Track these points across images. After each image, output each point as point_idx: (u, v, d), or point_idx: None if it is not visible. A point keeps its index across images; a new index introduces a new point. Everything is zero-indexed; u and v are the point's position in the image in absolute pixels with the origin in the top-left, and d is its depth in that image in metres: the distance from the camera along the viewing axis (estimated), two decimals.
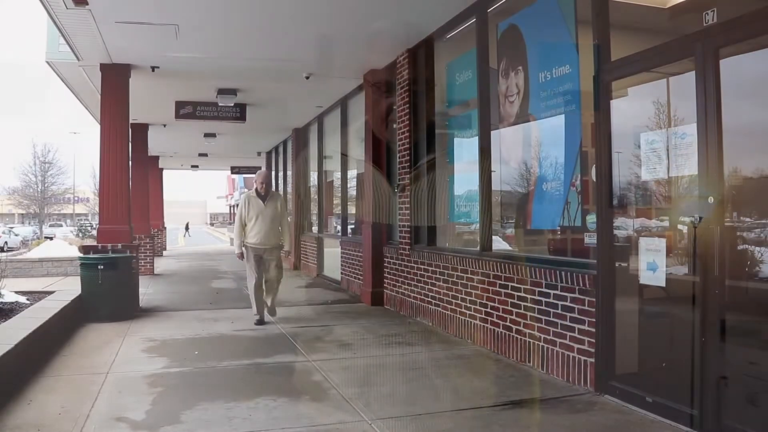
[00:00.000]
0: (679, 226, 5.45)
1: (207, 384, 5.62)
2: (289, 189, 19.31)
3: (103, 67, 9.78)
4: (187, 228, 53.04)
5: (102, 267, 8.81)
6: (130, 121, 10.30)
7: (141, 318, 9.06)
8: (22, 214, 67.18)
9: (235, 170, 30.72)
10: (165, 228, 27.13)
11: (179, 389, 5.46)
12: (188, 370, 6.13)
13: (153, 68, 10.07)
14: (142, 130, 16.32)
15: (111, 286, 8.81)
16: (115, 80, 9.87)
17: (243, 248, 8.64)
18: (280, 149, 21.42)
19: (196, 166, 29.74)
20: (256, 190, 8.76)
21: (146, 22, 7.85)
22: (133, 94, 10.19)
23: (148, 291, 12.07)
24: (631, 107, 5.45)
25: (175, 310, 9.78)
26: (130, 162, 11.12)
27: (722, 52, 4.21)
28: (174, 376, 5.91)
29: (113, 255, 9.14)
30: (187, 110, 12.95)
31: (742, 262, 6.55)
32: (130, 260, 9.21)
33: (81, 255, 9.42)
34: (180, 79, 11.09)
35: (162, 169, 28.38)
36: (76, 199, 68.03)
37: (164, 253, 24.76)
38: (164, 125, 16.09)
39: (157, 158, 24.91)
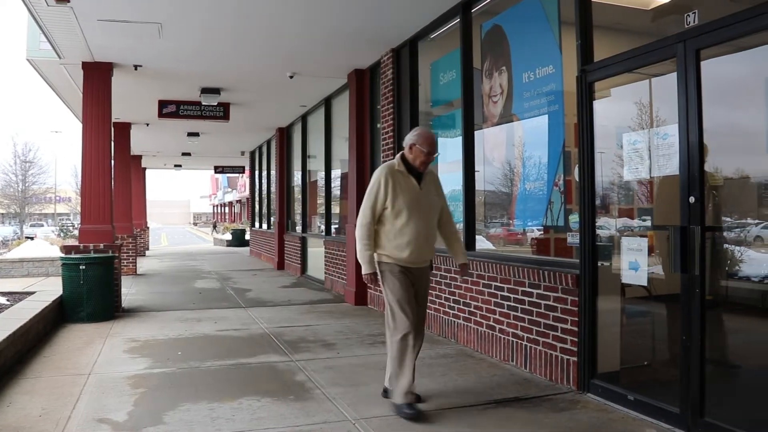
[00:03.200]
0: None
1: (190, 384, 5.60)
2: (273, 189, 19.26)
3: (85, 66, 9.71)
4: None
5: (84, 267, 8.75)
6: (113, 120, 10.22)
7: (123, 318, 9.01)
8: (2, 213, 66.48)
9: (219, 170, 30.58)
10: (148, 228, 26.99)
11: (162, 390, 5.43)
12: (171, 370, 6.10)
13: (136, 67, 10.02)
14: (124, 129, 16.23)
15: (93, 286, 8.75)
16: (97, 78, 9.80)
17: (378, 266, 4.90)
18: (264, 149, 21.37)
19: (180, 166, 29.59)
20: (406, 161, 4.95)
21: (129, 20, 7.81)
22: (115, 92, 10.13)
23: (130, 291, 12.01)
24: (614, 108, 5.49)
25: (158, 311, 9.73)
26: (113, 161, 11.04)
27: (703, 54, 4.25)
28: (157, 376, 5.88)
29: (95, 255, 9.09)
30: (170, 109, 12.90)
31: (723, 262, 6.62)
32: (112, 260, 9.15)
33: (62, 255, 9.35)
34: (163, 78, 11.04)
35: (145, 169, 28.25)
36: (57, 198, 67.44)
37: (147, 253, 24.63)
38: (147, 124, 16.03)
39: (139, 157, 24.80)
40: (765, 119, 4.71)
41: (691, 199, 4.21)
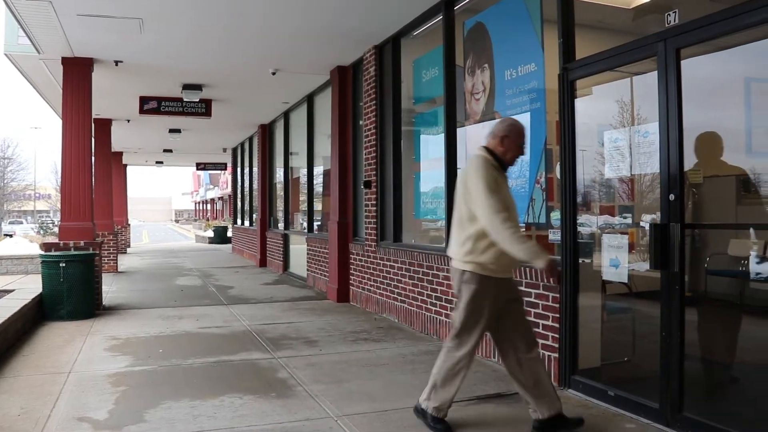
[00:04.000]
0: (641, 223, 5.55)
1: (171, 382, 5.57)
2: (255, 186, 19.19)
3: (65, 61, 9.62)
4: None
5: (64, 265, 8.67)
6: (93, 116, 10.14)
7: (104, 316, 8.95)
8: None
9: (201, 166, 30.41)
10: (129, 225, 26.81)
11: (143, 388, 5.40)
12: (152, 368, 6.07)
13: (116, 62, 9.95)
14: (105, 125, 16.11)
15: (73, 284, 8.68)
16: (77, 74, 9.72)
17: (465, 276, 4.22)
18: (246, 145, 21.29)
19: (161, 162, 29.44)
20: (496, 155, 4.32)
21: (109, 16, 7.74)
22: (95, 88, 10.05)
23: (111, 289, 11.93)
24: (596, 106, 5.52)
25: (139, 308, 9.67)
26: (93, 158, 10.95)
27: (683, 53, 4.28)
28: (138, 374, 5.85)
29: (75, 252, 9.02)
30: (151, 105, 12.82)
31: (702, 259, 6.68)
32: (92, 257, 9.08)
33: (42, 252, 9.27)
34: (144, 74, 10.96)
35: (126, 165, 28.06)
36: (37, 195, 66.79)
37: (128, 250, 24.49)
38: (128, 120, 15.92)
39: (120, 154, 24.64)
40: (745, 119, 4.77)
41: (671, 197, 4.24)
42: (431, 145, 8.20)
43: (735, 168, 4.68)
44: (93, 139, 10.63)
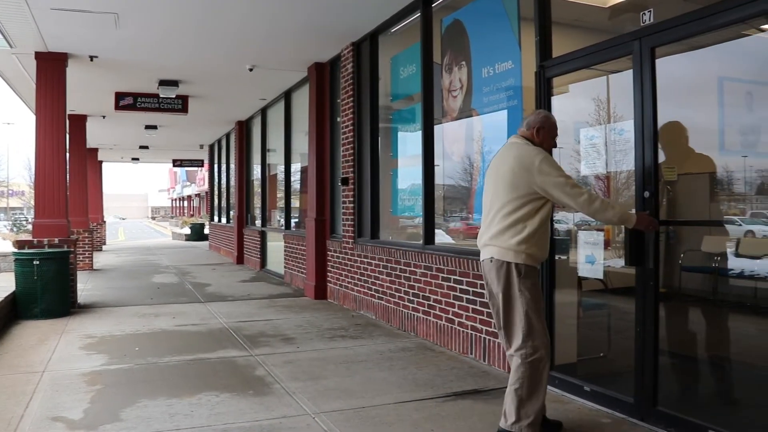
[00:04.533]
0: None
1: (148, 380, 5.53)
2: (232, 183, 19.10)
3: (39, 56, 9.49)
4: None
5: (38, 262, 8.56)
6: (68, 112, 10.04)
7: (79, 314, 8.86)
8: None
9: (177, 163, 30.18)
10: (104, 222, 26.56)
11: (119, 386, 5.36)
12: (128, 366, 6.02)
13: (91, 57, 9.82)
14: (80, 121, 15.92)
15: (47, 281, 8.58)
16: (51, 69, 9.60)
17: (519, 269, 3.99)
18: (223, 142, 21.18)
19: (137, 159, 29.19)
20: (531, 142, 4.22)
21: (84, 10, 7.64)
22: (70, 83, 9.94)
23: (86, 287, 11.82)
24: (572, 103, 5.56)
25: (115, 306, 9.59)
26: (68, 154, 10.83)
27: (658, 52, 4.33)
28: (113, 373, 5.80)
29: (50, 250, 8.91)
30: (127, 101, 12.69)
31: (676, 256, 6.75)
32: (67, 255, 8.98)
33: (15, 250, 9.14)
34: (120, 70, 10.84)
35: (101, 162, 27.76)
36: (10, 192, 65.96)
37: (104, 247, 24.26)
38: (103, 116, 15.75)
39: (96, 150, 24.38)
40: (718, 118, 4.83)
41: (646, 194, 4.28)
42: (408, 142, 8.21)
43: (703, 156, 4.73)
44: (67, 135, 10.51)
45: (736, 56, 4.39)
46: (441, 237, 7.28)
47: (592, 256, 4.89)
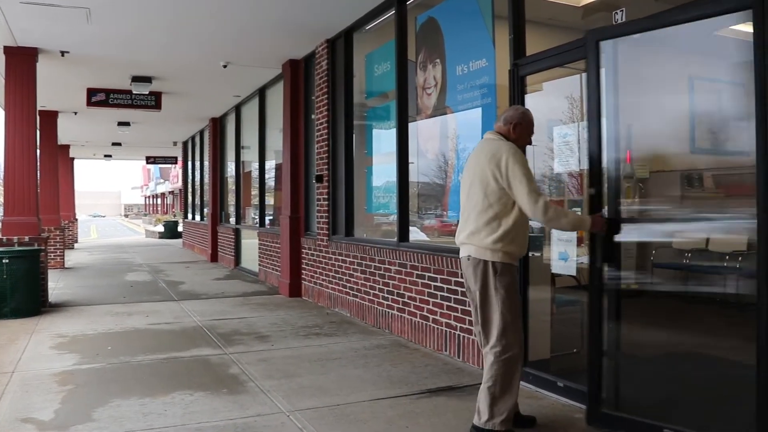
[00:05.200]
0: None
1: (120, 380, 5.48)
2: (206, 180, 18.97)
3: (7, 50, 9.35)
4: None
5: (7, 261, 8.43)
6: (38, 108, 9.89)
7: (50, 313, 8.75)
8: None
9: (151, 160, 29.89)
10: (76, 220, 26.24)
11: (91, 386, 5.30)
12: (100, 366, 5.96)
13: (63, 53, 9.70)
14: (51, 117, 15.70)
15: (17, 280, 8.45)
16: (20, 64, 9.46)
17: (496, 267, 4.00)
18: (197, 139, 21.02)
19: (110, 156, 28.85)
20: (506, 138, 4.20)
21: (54, 4, 7.53)
22: (40, 79, 9.80)
23: (58, 285, 11.68)
24: (546, 101, 5.60)
25: (87, 305, 9.49)
26: (38, 151, 10.69)
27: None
28: (85, 372, 5.73)
29: (19, 248, 8.78)
30: (99, 98, 12.54)
31: (646, 254, 6.84)
32: (38, 253, 8.86)
33: None
34: (92, 65, 10.71)
35: (73, 159, 27.43)
36: None
37: (76, 245, 23.97)
38: (75, 113, 15.56)
39: (67, 147, 24.08)
40: (689, 117, 4.89)
41: (591, 191, 4.13)
42: (383, 140, 8.22)
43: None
44: (38, 132, 10.37)
45: (704, 56, 4.46)
46: (415, 234, 7.30)
47: (566, 253, 4.93)
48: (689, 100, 4.95)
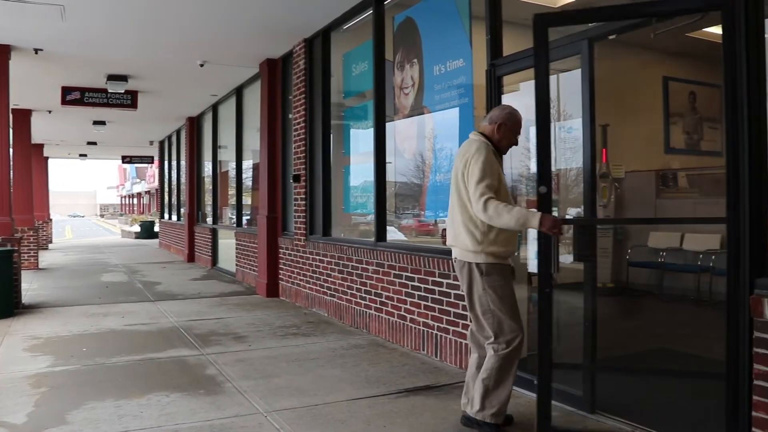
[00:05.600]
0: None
1: (95, 382, 5.43)
2: (183, 180, 18.85)
3: None
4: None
5: None
6: (11, 107, 9.75)
7: (23, 315, 8.64)
8: None
9: (127, 159, 29.63)
10: (51, 220, 25.94)
11: (65, 389, 5.24)
12: (75, 368, 5.90)
13: (36, 50, 9.56)
14: (24, 116, 15.51)
15: None
16: None
17: (479, 267, 4.04)
18: (174, 138, 20.88)
19: (85, 155, 28.56)
20: (490, 138, 4.20)
21: (28, 1, 7.43)
22: (13, 77, 9.65)
23: (31, 286, 11.54)
24: (523, 101, 5.61)
25: (62, 306, 9.38)
26: (11, 150, 10.53)
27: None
28: (59, 375, 5.67)
29: None
30: (74, 96, 12.41)
31: (622, 253, 6.89)
32: (10, 254, 8.74)
33: None
34: (67, 63, 10.60)
35: (47, 158, 27.10)
36: None
37: (50, 246, 23.68)
38: (49, 111, 15.39)
39: (41, 146, 23.79)
40: (663, 117, 4.95)
41: (542, 189, 3.95)
42: (361, 140, 8.21)
43: None
44: (11, 131, 10.23)
45: (678, 57, 4.51)
46: (393, 234, 7.30)
47: None
48: (662, 101, 5.01)
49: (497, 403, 4.03)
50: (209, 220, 16.02)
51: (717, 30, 3.58)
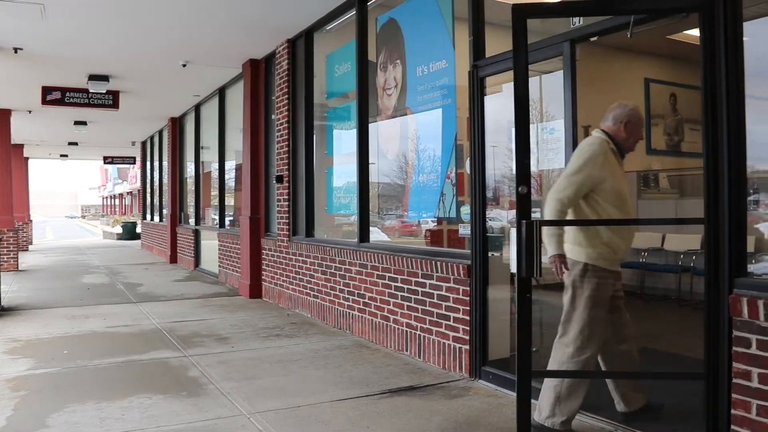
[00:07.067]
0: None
1: (77, 384, 5.38)
2: (165, 180, 18.75)
3: None
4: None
5: None
6: None
7: (3, 317, 8.55)
8: None
9: (108, 160, 29.40)
10: (31, 221, 25.71)
11: (46, 392, 5.20)
12: (56, 370, 5.85)
13: (16, 49, 9.46)
14: (4, 116, 15.34)
15: None
16: None
17: (575, 267, 4.06)
18: (156, 139, 20.76)
19: (66, 156, 28.31)
20: (614, 138, 4.11)
21: None
22: None
23: (11, 288, 11.42)
24: (506, 102, 5.63)
25: (42, 308, 9.30)
26: None
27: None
28: (40, 377, 5.62)
29: None
30: (54, 96, 12.30)
31: None
32: None
33: None
34: (47, 63, 10.50)
35: (27, 159, 26.86)
36: None
37: (30, 247, 23.47)
38: (29, 111, 15.24)
39: (21, 146, 23.58)
40: (645, 118, 4.98)
41: (522, 190, 3.86)
42: (344, 140, 8.21)
43: None
44: None
45: (658, 59, 4.55)
46: (376, 235, 7.31)
47: None
48: (644, 102, 5.04)
49: (568, 411, 4.02)
50: (192, 221, 15.95)
51: (696, 32, 3.62)
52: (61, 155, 28.04)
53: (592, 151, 4.01)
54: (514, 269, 5.09)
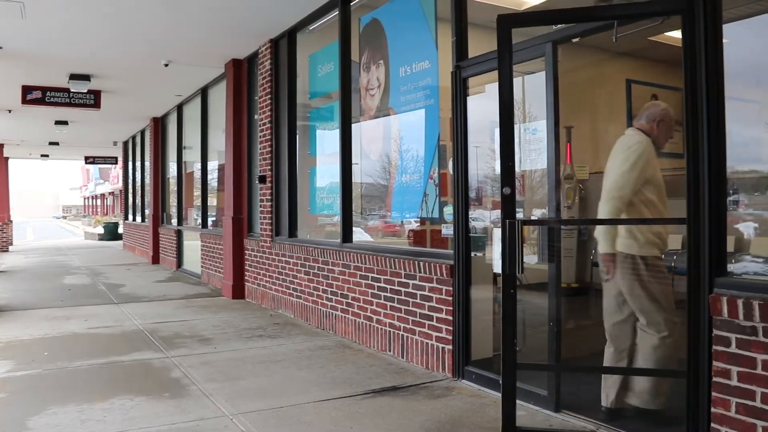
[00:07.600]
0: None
1: (57, 386, 5.34)
2: (148, 180, 18.64)
3: None
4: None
5: None
6: None
7: None
8: None
9: (90, 160, 29.19)
10: (11, 221, 25.47)
11: (26, 394, 5.15)
12: (36, 372, 5.79)
13: None
14: None
15: None
16: None
17: (626, 259, 4.23)
18: (138, 139, 20.64)
19: (47, 156, 28.06)
20: (652, 138, 4.28)
21: None
22: None
23: None
24: (489, 103, 5.65)
25: (22, 309, 9.21)
26: None
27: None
28: (20, 380, 5.56)
29: None
30: (35, 95, 12.19)
31: (586, 253, 6.96)
32: None
33: None
34: (27, 62, 10.40)
35: (7, 159, 26.57)
36: None
37: (10, 248, 23.27)
38: (9, 111, 15.09)
39: (1, 146, 23.39)
40: (626, 118, 5.02)
41: (506, 191, 3.97)
42: (326, 140, 8.21)
43: None
44: None
45: (640, 60, 4.58)
46: (360, 235, 7.30)
47: None
48: (626, 103, 5.08)
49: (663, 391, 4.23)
50: (174, 221, 15.87)
51: (678, 34, 3.65)
52: (42, 155, 27.79)
53: (641, 149, 4.20)
54: (496, 269, 5.13)
